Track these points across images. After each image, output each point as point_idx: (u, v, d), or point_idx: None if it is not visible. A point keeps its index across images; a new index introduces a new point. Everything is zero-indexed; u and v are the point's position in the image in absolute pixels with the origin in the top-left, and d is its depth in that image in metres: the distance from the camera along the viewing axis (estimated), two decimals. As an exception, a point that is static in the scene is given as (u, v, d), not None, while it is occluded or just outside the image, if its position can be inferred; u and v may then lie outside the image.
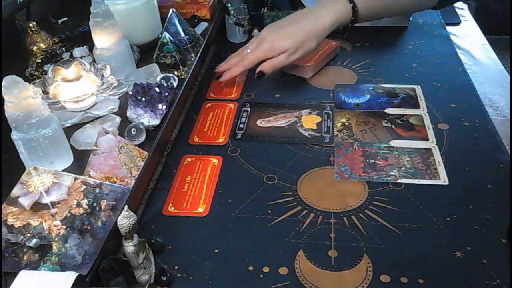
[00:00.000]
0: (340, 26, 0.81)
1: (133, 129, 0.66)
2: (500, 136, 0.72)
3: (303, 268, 0.54)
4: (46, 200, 0.51)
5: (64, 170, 0.60)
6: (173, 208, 0.64)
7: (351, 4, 0.79)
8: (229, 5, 0.99)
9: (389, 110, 0.79)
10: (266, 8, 1.08)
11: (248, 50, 0.82)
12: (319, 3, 0.81)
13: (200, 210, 0.63)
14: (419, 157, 0.69)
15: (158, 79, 0.77)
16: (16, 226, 0.50)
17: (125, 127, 0.66)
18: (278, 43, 0.79)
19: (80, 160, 0.61)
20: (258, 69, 0.80)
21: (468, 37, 1.05)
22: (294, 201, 0.63)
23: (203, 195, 0.65)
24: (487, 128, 0.74)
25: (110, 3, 0.78)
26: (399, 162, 0.68)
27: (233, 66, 0.83)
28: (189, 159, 0.72)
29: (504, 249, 0.55)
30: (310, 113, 0.80)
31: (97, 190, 0.55)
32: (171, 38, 0.81)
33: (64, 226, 0.50)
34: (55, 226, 0.50)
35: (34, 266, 0.49)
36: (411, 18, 1.06)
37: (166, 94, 0.71)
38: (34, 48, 0.80)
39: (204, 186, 0.67)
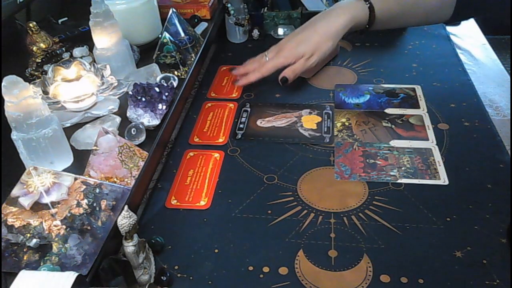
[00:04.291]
0: (356, 27, 0.81)
1: (133, 129, 0.66)
2: (500, 136, 0.72)
3: (303, 268, 0.54)
4: (46, 200, 0.51)
5: (64, 170, 0.60)
6: (175, 201, 0.64)
7: (368, 4, 0.79)
8: (229, 5, 0.99)
9: (389, 110, 0.79)
10: (266, 8, 1.08)
11: (267, 58, 0.83)
12: (335, 5, 0.83)
13: (202, 203, 0.64)
14: (419, 157, 0.69)
15: (158, 79, 0.77)
16: (16, 226, 0.50)
17: (125, 127, 0.66)
18: (294, 49, 0.81)
19: (80, 160, 0.61)
20: (281, 76, 0.81)
21: (468, 37, 1.05)
22: (294, 201, 0.63)
23: (205, 189, 0.66)
24: (487, 128, 0.74)
25: (110, 3, 0.78)
26: (399, 162, 0.68)
27: (251, 72, 0.84)
28: (191, 153, 0.73)
29: (504, 249, 0.55)
30: (310, 113, 0.80)
31: (97, 190, 0.55)
32: (171, 38, 0.81)
33: (64, 226, 0.50)
34: (55, 226, 0.50)
35: (34, 266, 0.49)
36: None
37: (166, 94, 0.71)
38: (34, 48, 0.80)
39: (206, 180, 0.67)
